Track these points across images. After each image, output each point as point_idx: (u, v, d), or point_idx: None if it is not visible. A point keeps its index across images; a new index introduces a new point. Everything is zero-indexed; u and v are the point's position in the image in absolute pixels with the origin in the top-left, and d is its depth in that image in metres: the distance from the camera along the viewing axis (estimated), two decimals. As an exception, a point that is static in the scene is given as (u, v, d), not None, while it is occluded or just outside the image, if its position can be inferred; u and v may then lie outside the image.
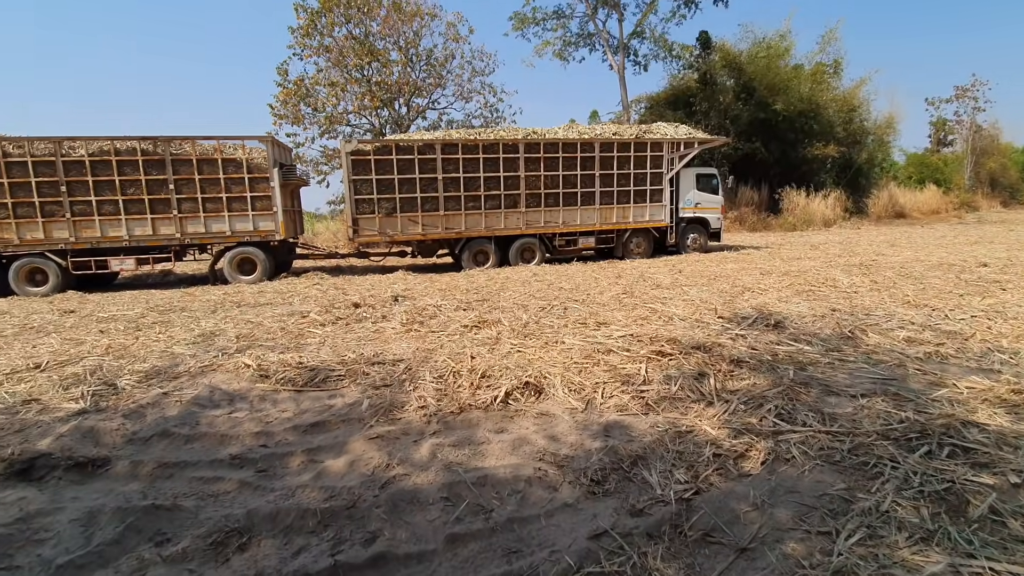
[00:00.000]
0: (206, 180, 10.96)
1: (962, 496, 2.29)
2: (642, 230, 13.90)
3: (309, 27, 20.17)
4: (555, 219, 13.04)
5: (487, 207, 12.49)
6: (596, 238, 13.59)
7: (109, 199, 10.55)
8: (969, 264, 9.33)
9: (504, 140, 12.50)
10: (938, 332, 4.81)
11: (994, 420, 2.98)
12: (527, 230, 12.85)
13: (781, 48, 25.71)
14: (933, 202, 28.18)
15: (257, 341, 5.36)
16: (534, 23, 27.39)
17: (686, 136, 14.03)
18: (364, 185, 11.75)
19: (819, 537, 2.10)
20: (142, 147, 10.61)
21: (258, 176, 11.17)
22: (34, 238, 10.46)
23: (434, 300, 7.37)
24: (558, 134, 13.48)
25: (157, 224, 10.85)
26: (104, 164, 10.47)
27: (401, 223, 12.09)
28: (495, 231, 12.65)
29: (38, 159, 10.26)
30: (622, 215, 13.52)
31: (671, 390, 3.55)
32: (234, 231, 11.25)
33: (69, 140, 10.44)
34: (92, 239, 10.66)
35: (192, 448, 3.10)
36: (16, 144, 10.22)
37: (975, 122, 34.83)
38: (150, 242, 10.94)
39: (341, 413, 3.44)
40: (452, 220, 12.37)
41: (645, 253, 14.05)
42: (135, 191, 10.64)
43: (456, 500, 2.41)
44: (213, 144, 11.03)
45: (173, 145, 10.81)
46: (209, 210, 11.06)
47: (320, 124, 21.39)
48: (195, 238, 11.15)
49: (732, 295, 7.13)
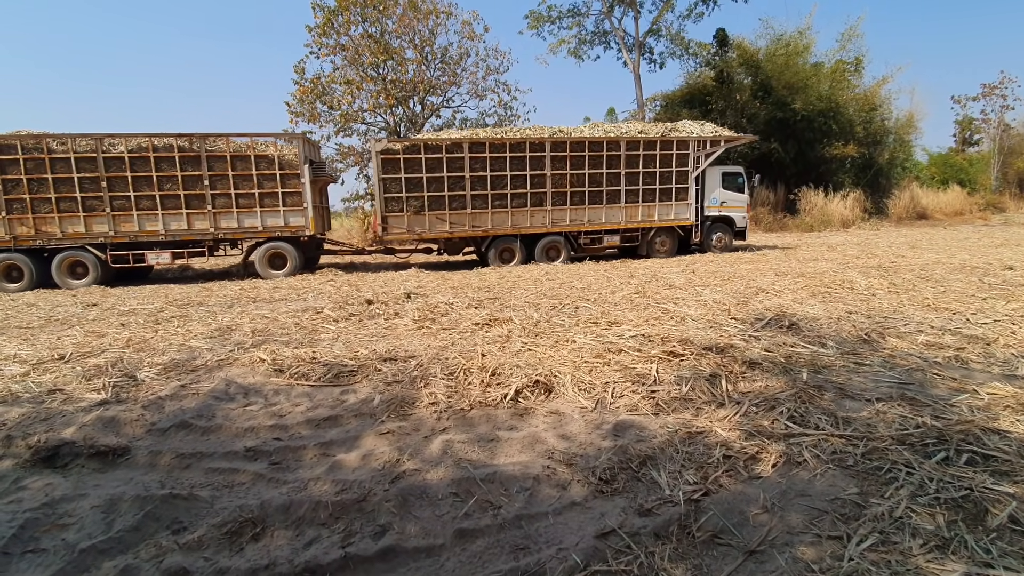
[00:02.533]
0: (239, 176, 11.30)
1: (980, 504, 2.24)
2: (667, 228, 13.91)
3: (326, 26, 20.34)
4: (580, 217, 13.11)
5: (513, 205, 12.62)
6: (621, 236, 13.61)
7: (147, 194, 10.98)
8: (994, 267, 9.11)
9: (531, 139, 12.60)
10: (959, 336, 4.71)
11: (1017, 428, 2.92)
12: (553, 228, 12.94)
13: (800, 45, 25.29)
14: (957, 203, 27.52)
15: (272, 336, 5.45)
16: (549, 21, 27.34)
17: (712, 134, 13.95)
18: (393, 183, 11.95)
19: (830, 541, 2.08)
20: (179, 144, 10.97)
21: (289, 172, 11.48)
22: (75, 232, 10.86)
23: (446, 298, 7.42)
24: (584, 133, 13.52)
25: (192, 219, 11.23)
26: (142, 160, 10.87)
27: (429, 221, 12.24)
28: (521, 229, 12.77)
29: (80, 155, 10.64)
30: (647, 213, 13.57)
31: (682, 391, 3.53)
32: (265, 226, 11.59)
33: (109, 137, 10.85)
34: (130, 233, 11.08)
35: (208, 440, 3.16)
36: (59, 141, 10.61)
37: (1004, 120, 33.95)
38: (185, 236, 11.30)
39: (354, 408, 3.48)
40: (479, 218, 12.51)
41: (670, 252, 14.05)
42: (171, 186, 11.04)
43: (465, 496, 2.43)
44: (246, 141, 11.34)
45: (208, 142, 11.16)
46: (242, 205, 11.41)
47: (336, 122, 21.57)
48: (228, 233, 11.48)
49: (746, 296, 7.06)
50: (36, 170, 10.61)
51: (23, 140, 10.58)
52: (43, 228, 10.78)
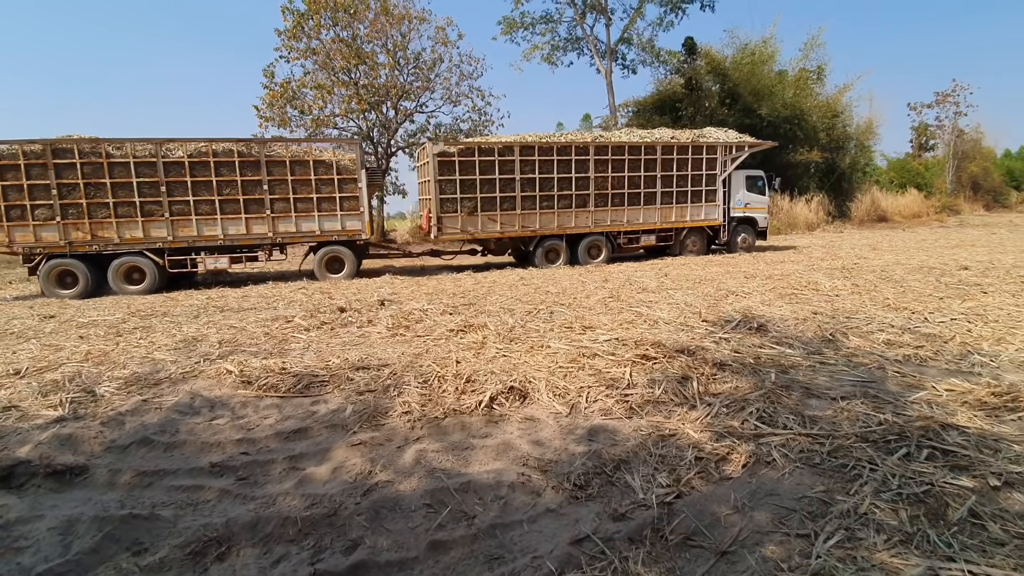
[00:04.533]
0: (298, 181, 11.37)
1: (941, 499, 2.31)
2: (697, 229, 14.61)
3: (296, 29, 20.05)
4: (620, 218, 13.69)
5: (559, 206, 13.10)
6: (657, 236, 14.21)
7: (206, 199, 10.92)
8: (950, 267, 9.50)
9: (576, 143, 13.10)
10: (918, 335, 4.89)
11: (973, 423, 3.03)
12: (595, 228, 13.47)
13: (765, 54, 26.05)
14: (915, 206, 28.68)
15: (240, 346, 5.31)
16: (523, 28, 27.54)
17: (736, 140, 14.76)
18: (448, 185, 12.24)
19: (798, 539, 2.12)
20: (238, 149, 11.00)
21: (347, 177, 11.62)
22: (133, 237, 10.75)
23: (420, 304, 7.35)
24: (622, 138, 14.08)
25: (251, 223, 11.23)
26: (202, 165, 10.82)
27: (481, 221, 12.59)
28: (567, 229, 13.26)
29: (140, 160, 10.55)
30: (680, 214, 14.23)
31: (655, 394, 3.56)
32: (323, 230, 11.67)
33: (168, 142, 10.77)
34: (189, 238, 10.99)
35: (172, 456, 3.05)
36: (115, 145, 10.49)
37: (957, 127, 35.47)
38: (243, 241, 11.28)
39: (324, 419, 3.41)
40: (528, 219, 12.94)
41: (700, 251, 14.77)
42: (231, 191, 11.02)
43: (439, 507, 2.40)
44: (304, 146, 11.54)
45: (267, 147, 11.27)
46: (300, 210, 11.48)
47: (307, 127, 21.24)
48: (286, 237, 11.52)
49: (716, 298, 7.19)
50: (94, 175, 10.41)
51: (80, 144, 10.35)
52: (100, 233, 10.59)
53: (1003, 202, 35.71)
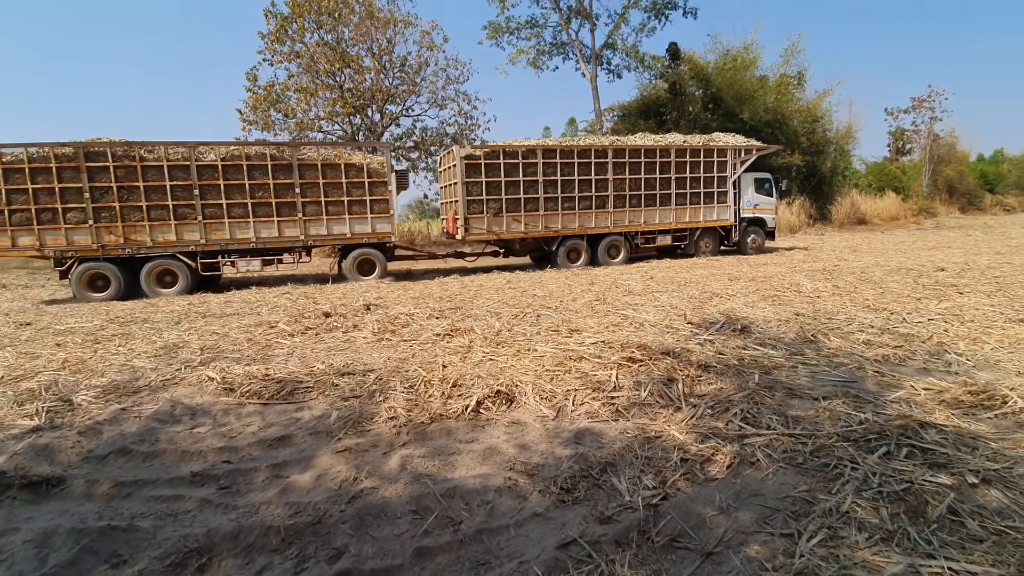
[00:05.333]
0: (329, 184, 11.49)
1: (921, 496, 2.35)
2: (710, 229, 15.09)
3: (279, 32, 19.90)
4: (638, 219, 14.14)
5: (580, 207, 13.52)
6: (672, 236, 14.68)
7: (239, 202, 11.00)
8: (927, 269, 9.71)
9: (595, 146, 13.60)
10: (896, 335, 4.98)
11: (951, 421, 3.09)
12: (614, 228, 13.92)
13: (747, 60, 26.46)
14: (893, 209, 29.31)
15: (222, 353, 5.23)
16: (508, 32, 27.64)
17: (745, 143, 15.30)
18: (475, 187, 12.59)
19: (782, 539, 2.14)
20: (271, 152, 11.17)
21: (377, 181, 11.78)
22: (166, 240, 10.78)
23: (407, 308, 7.31)
24: (638, 142, 14.54)
25: (283, 226, 11.32)
26: (235, 168, 10.90)
27: (506, 222, 12.96)
28: (587, 229, 13.69)
29: (173, 163, 10.58)
30: (694, 215, 14.70)
31: (641, 396, 3.58)
32: (354, 233, 11.83)
33: (200, 145, 10.82)
34: (221, 241, 11.05)
35: (151, 466, 2.99)
36: (148, 148, 10.51)
37: (932, 131, 36.32)
38: (275, 244, 11.38)
39: (309, 426, 3.37)
40: (551, 219, 13.36)
41: (713, 251, 15.26)
42: (263, 194, 11.13)
43: (425, 513, 2.38)
44: (335, 150, 11.77)
45: (299, 150, 11.43)
46: (331, 213, 11.61)
47: (291, 130, 21.07)
48: (317, 240, 11.65)
49: (701, 301, 7.26)
50: (127, 178, 10.41)
51: (113, 147, 10.35)
52: (133, 236, 10.59)
53: (977, 205, 36.61)
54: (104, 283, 10.57)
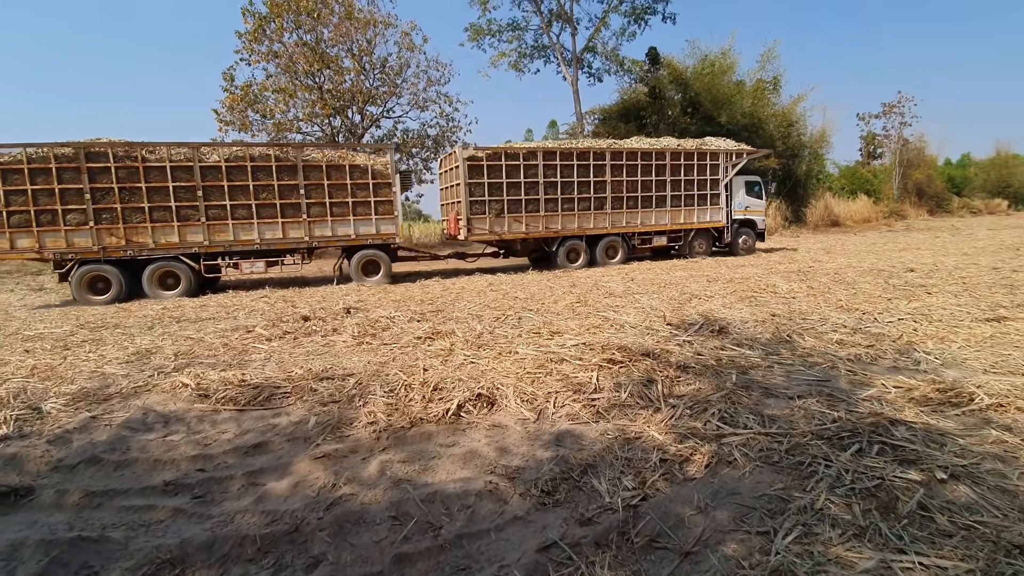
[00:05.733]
0: (334, 185, 11.46)
1: (892, 492, 2.41)
2: (704, 230, 15.52)
3: (257, 32, 19.60)
4: (635, 220, 14.48)
5: (579, 209, 13.79)
6: (667, 237, 15.04)
7: (243, 203, 10.90)
8: (897, 270, 9.98)
9: (594, 149, 13.88)
10: (868, 335, 5.11)
11: (920, 418, 3.18)
12: (612, 229, 14.22)
13: (725, 65, 26.94)
14: (865, 211, 30.10)
15: (197, 358, 5.12)
16: (490, 35, 27.66)
17: (736, 147, 15.81)
18: (477, 188, 12.76)
19: (758, 537, 2.17)
20: (275, 153, 11.09)
21: (381, 182, 11.77)
22: (168, 242, 10.63)
23: (387, 312, 7.25)
24: (634, 145, 14.99)
25: (287, 228, 11.25)
26: (239, 169, 10.78)
27: (508, 222, 13.15)
28: (586, 230, 13.95)
29: (176, 164, 10.44)
30: (688, 216, 15.11)
31: (621, 397, 3.61)
32: (358, 234, 11.79)
33: (204, 146, 10.80)
34: (225, 242, 10.93)
35: (122, 475, 2.92)
36: (148, 149, 10.36)
37: (902, 136, 37.39)
38: (279, 245, 11.29)
39: (286, 432, 3.31)
40: (551, 220, 13.59)
41: (706, 252, 15.64)
42: (267, 196, 11.04)
43: (404, 519, 2.36)
44: (339, 151, 11.74)
45: (304, 151, 11.35)
46: (336, 214, 11.56)
47: (268, 131, 20.77)
48: (322, 241, 11.60)
49: (680, 302, 7.35)
50: (129, 179, 10.25)
51: (115, 148, 10.17)
52: (135, 238, 10.44)
53: (945, 207, 37.80)
54: (105, 285, 10.42)
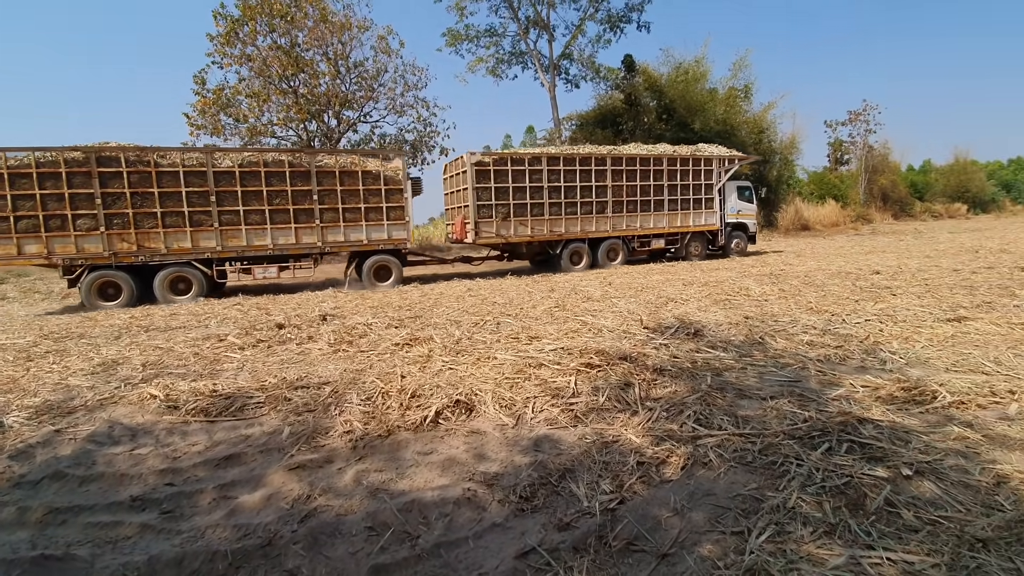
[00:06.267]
0: (347, 191, 11.58)
1: (860, 490, 2.48)
2: (699, 233, 16.07)
3: (230, 35, 19.27)
4: (634, 223, 14.96)
5: (582, 212, 14.22)
6: (665, 240, 15.51)
7: (256, 208, 10.92)
8: (864, 272, 10.30)
9: (595, 154, 14.28)
10: (836, 336, 5.25)
11: (886, 416, 3.28)
12: (613, 232, 14.67)
13: (698, 73, 27.51)
14: (833, 216, 30.98)
15: (166, 369, 4.98)
16: (467, 40, 27.69)
17: (728, 154, 16.38)
18: (484, 192, 13.07)
19: (733, 537, 2.21)
20: (289, 159, 11.12)
21: (393, 188, 11.94)
22: (181, 247, 10.60)
23: (364, 318, 7.17)
24: (633, 151, 15.33)
25: (300, 233, 11.31)
26: (252, 175, 10.82)
27: (514, 226, 13.49)
28: (588, 233, 14.37)
29: (189, 169, 10.39)
30: (684, 220, 15.65)
31: (599, 401, 3.63)
32: (370, 239, 11.95)
33: (216, 151, 10.88)
34: (238, 248, 10.93)
35: (88, 491, 2.81)
36: (160, 154, 10.32)
37: (867, 143, 38.66)
38: (292, 250, 11.32)
39: (259, 443, 3.24)
40: (555, 224, 13.98)
41: (701, 255, 16.18)
42: (280, 201, 11.09)
43: (381, 529, 2.33)
44: (351, 157, 11.77)
45: (317, 157, 11.42)
46: (348, 220, 11.68)
47: (242, 135, 20.39)
48: (334, 246, 11.69)
49: (657, 306, 7.45)
50: (141, 184, 10.19)
51: (126, 152, 10.12)
52: (146, 244, 10.37)
53: (909, 212, 39.15)
54: (115, 291, 10.36)
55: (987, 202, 43.44)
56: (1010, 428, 3.08)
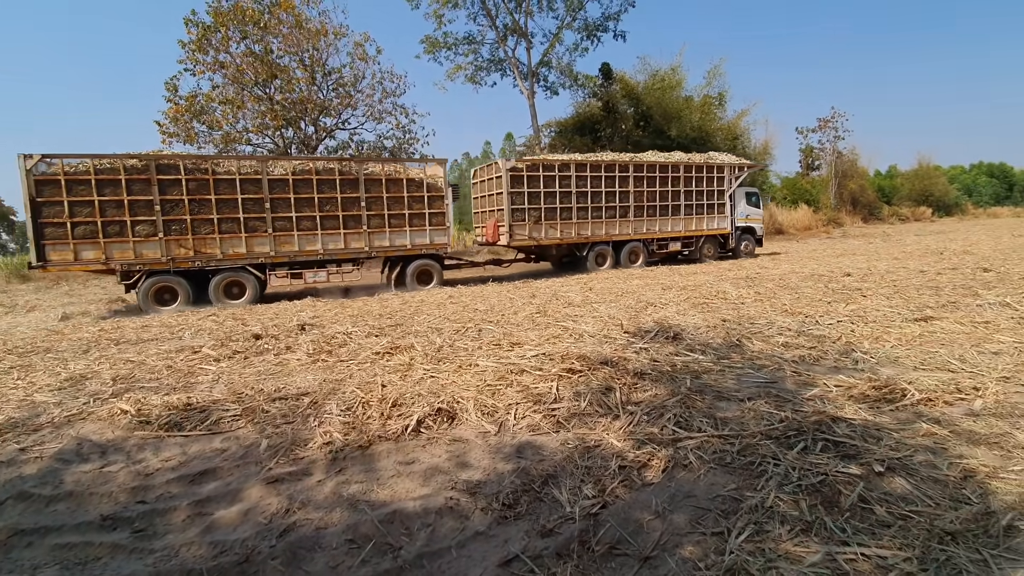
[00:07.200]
0: (392, 198, 12.03)
1: (835, 487, 2.54)
2: (712, 237, 16.86)
3: (202, 42, 18.96)
4: (654, 227, 15.71)
5: (606, 216, 14.94)
6: (682, 242, 16.24)
7: (307, 215, 11.32)
8: (835, 274, 10.57)
9: (619, 162, 15.03)
10: (810, 337, 5.37)
11: (859, 415, 3.36)
12: (634, 236, 15.39)
13: (674, 81, 28.00)
14: (805, 220, 31.78)
15: (138, 383, 4.84)
16: (446, 47, 27.71)
17: (739, 162, 17.31)
18: (518, 197, 13.75)
19: (713, 538, 2.23)
20: (339, 167, 11.56)
21: (435, 194, 12.40)
22: (236, 252, 10.88)
23: (344, 327, 7.08)
24: (652, 158, 16.03)
25: (348, 238, 11.70)
26: (304, 182, 11.21)
27: (545, 229, 14.19)
28: (612, 236, 15.09)
29: (245, 177, 10.73)
30: (699, 224, 16.44)
31: (580, 406, 3.65)
32: (414, 244, 12.37)
33: (272, 159, 11.35)
34: (290, 252, 11.30)
35: (55, 511, 2.71)
36: (215, 162, 10.62)
37: (836, 149, 39.80)
38: (341, 255, 11.67)
39: (235, 457, 3.17)
40: (582, 227, 14.70)
41: (714, 256, 16.95)
42: (330, 207, 11.50)
43: (362, 541, 2.30)
44: (395, 165, 12.27)
45: (364, 165, 11.87)
46: (393, 225, 12.12)
47: (216, 143, 20.04)
48: (379, 251, 12.08)
49: (637, 310, 7.52)
50: (198, 191, 10.44)
51: (185, 161, 10.44)
52: (203, 249, 10.63)
53: (877, 215, 40.39)
54: (171, 296, 10.60)
55: (950, 205, 45.06)
56: (975, 424, 3.19)
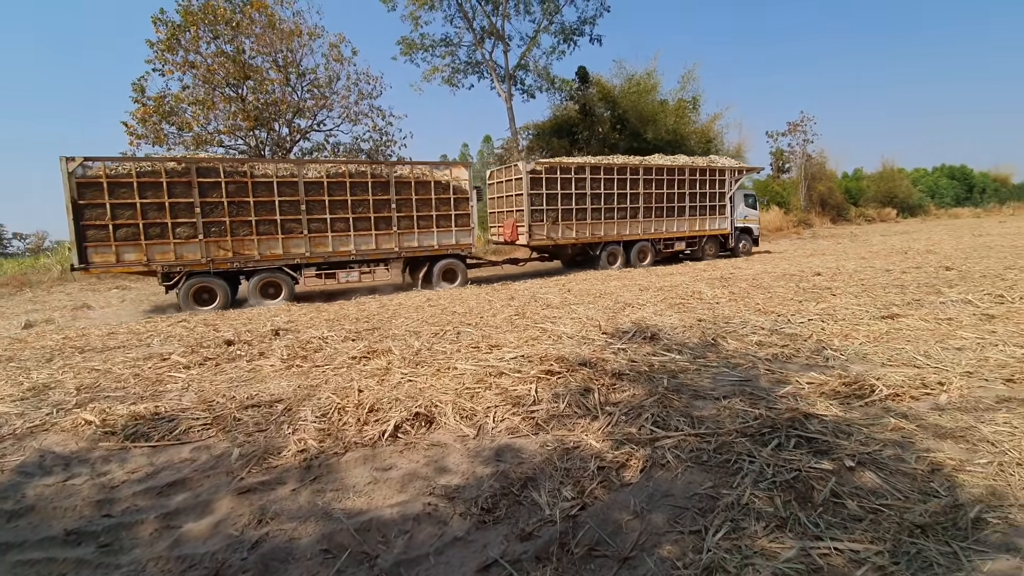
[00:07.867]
0: (420, 200, 12.38)
1: (808, 483, 2.58)
2: (713, 236, 17.47)
3: (171, 41, 18.48)
4: (661, 227, 16.30)
5: (618, 217, 15.53)
6: (686, 242, 16.79)
7: (341, 216, 11.62)
8: (806, 274, 10.83)
9: (630, 165, 15.67)
10: (783, 335, 5.49)
11: (830, 411, 3.44)
12: (643, 236, 15.95)
13: (649, 84, 28.34)
14: (777, 221, 32.50)
15: (103, 392, 4.67)
16: (422, 49, 27.54)
17: (738, 165, 18.08)
18: (537, 198, 14.28)
19: (691, 536, 2.25)
20: (371, 170, 11.94)
21: (461, 196, 12.78)
22: (273, 254, 11.13)
23: (320, 332, 6.96)
24: (660, 162, 16.61)
25: (379, 239, 12.05)
26: (338, 185, 11.52)
27: (561, 229, 14.72)
28: (623, 236, 15.66)
29: (282, 179, 10.99)
30: (702, 224, 17.08)
31: (559, 408, 3.65)
32: (440, 244, 12.74)
33: (307, 163, 11.73)
34: (324, 253, 11.60)
35: (16, 526, 2.60)
36: (251, 165, 10.89)
37: (806, 152, 40.83)
38: (372, 255, 12.02)
39: (206, 467, 3.08)
40: (596, 227, 15.26)
41: (715, 255, 17.57)
42: (363, 209, 11.82)
43: (337, 551, 2.25)
44: (424, 168, 12.55)
45: (394, 168, 12.25)
46: (422, 226, 12.47)
47: (186, 145, 19.53)
48: (409, 251, 12.43)
49: (615, 311, 7.58)
50: (237, 193, 10.64)
51: (225, 164, 10.67)
52: (241, 251, 10.85)
53: (845, 216, 41.52)
54: (210, 296, 10.77)
55: (914, 206, 46.61)
56: (941, 418, 3.30)
